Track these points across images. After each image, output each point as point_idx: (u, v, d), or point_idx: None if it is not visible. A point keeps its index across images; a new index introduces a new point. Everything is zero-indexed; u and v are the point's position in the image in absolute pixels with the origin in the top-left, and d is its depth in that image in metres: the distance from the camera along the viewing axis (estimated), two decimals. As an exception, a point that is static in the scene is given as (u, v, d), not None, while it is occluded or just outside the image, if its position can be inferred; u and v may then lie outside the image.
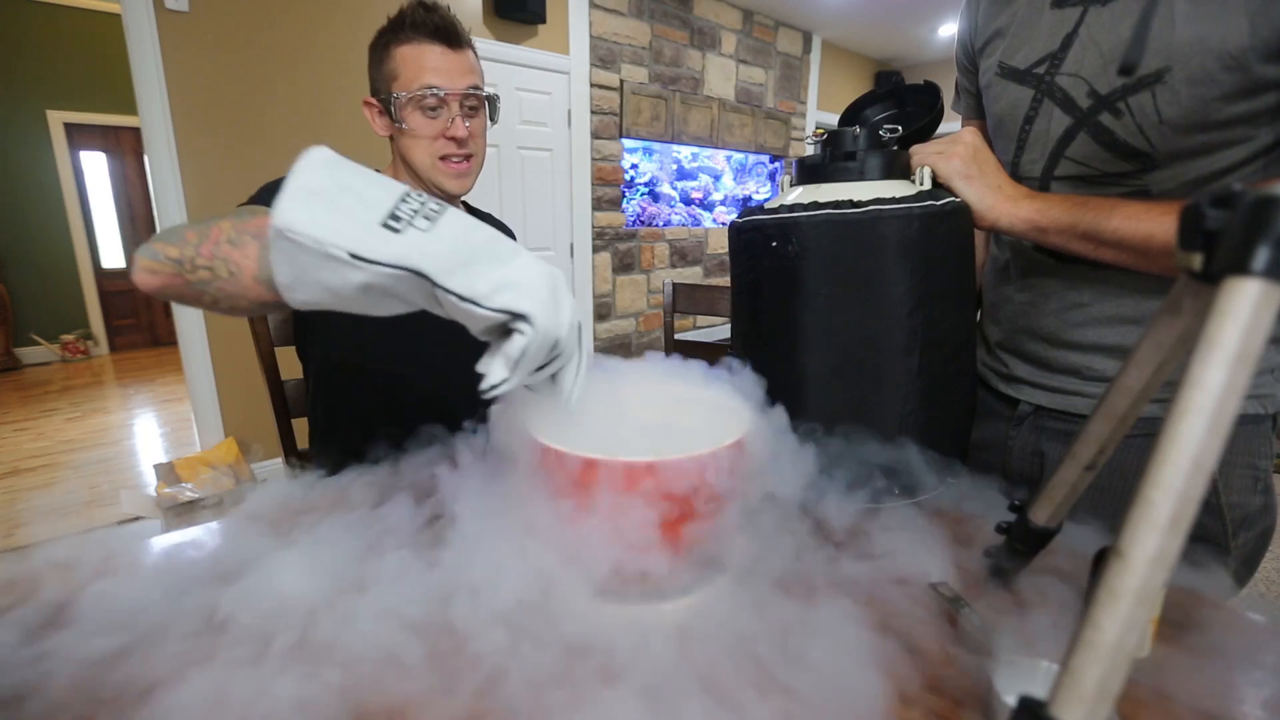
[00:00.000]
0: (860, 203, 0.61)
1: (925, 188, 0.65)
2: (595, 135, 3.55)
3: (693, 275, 4.38)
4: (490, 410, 0.54)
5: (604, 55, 3.48)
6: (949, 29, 4.58)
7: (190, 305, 0.52)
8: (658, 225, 4.06)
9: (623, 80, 3.59)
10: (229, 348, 2.41)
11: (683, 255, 4.24)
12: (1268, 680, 0.42)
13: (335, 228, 0.38)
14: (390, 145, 0.95)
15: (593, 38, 3.41)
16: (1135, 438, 0.45)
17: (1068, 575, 0.51)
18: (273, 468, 2.56)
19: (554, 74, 3.29)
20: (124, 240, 5.05)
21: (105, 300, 4.99)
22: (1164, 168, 0.62)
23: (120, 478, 2.74)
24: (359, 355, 0.93)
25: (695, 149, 4.22)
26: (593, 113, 3.50)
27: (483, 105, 0.93)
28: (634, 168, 3.86)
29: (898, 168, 0.67)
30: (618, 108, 3.61)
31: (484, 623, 0.44)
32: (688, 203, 4.27)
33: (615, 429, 0.56)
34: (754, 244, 0.67)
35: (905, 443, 0.63)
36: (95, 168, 4.84)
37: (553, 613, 0.45)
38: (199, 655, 0.41)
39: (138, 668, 0.40)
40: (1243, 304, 0.24)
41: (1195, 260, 0.27)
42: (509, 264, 0.41)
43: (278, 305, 0.44)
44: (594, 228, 3.66)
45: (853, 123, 0.81)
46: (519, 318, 0.40)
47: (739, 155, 4.55)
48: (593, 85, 3.46)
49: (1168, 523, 0.24)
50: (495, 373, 0.41)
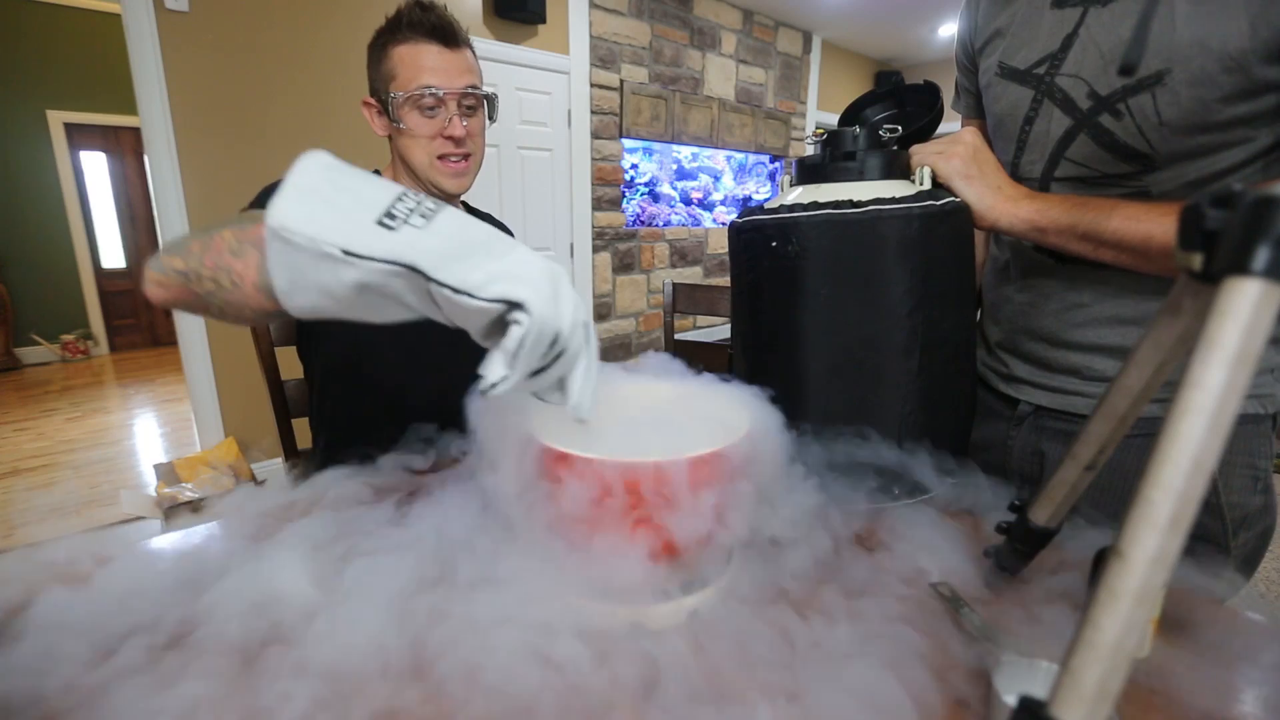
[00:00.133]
0: (860, 203, 0.61)
1: (925, 188, 0.65)
2: (595, 135, 3.55)
3: (693, 275, 4.38)
4: (474, 411, 0.52)
5: (604, 55, 3.48)
6: (949, 29, 4.58)
7: (199, 314, 0.52)
8: (658, 225, 4.06)
9: (623, 80, 3.59)
10: (229, 348, 2.41)
11: (683, 255, 4.24)
12: (1267, 680, 0.42)
13: (329, 224, 0.37)
14: (389, 145, 0.95)
15: (593, 38, 3.41)
16: (1135, 438, 0.45)
17: (1068, 575, 0.51)
18: (273, 468, 2.56)
19: (554, 74, 3.29)
20: (124, 240, 5.05)
21: (105, 300, 4.99)
22: (1164, 169, 0.62)
23: (120, 478, 2.74)
24: (361, 362, 0.93)
25: (695, 149, 4.22)
26: (593, 113, 3.50)
27: (481, 104, 0.93)
28: (634, 168, 3.86)
29: (898, 168, 0.67)
30: (618, 108, 3.61)
31: (483, 623, 0.44)
32: (688, 203, 4.27)
33: (614, 429, 0.56)
34: (754, 244, 0.67)
35: (905, 443, 0.63)
36: (95, 168, 4.84)
37: (552, 613, 0.46)
38: (143, 666, 0.40)
39: (79, 679, 0.39)
40: (1243, 304, 0.24)
41: (1195, 260, 0.27)
42: (505, 257, 0.40)
43: (281, 314, 0.43)
44: (594, 228, 3.66)
45: (853, 123, 0.81)
46: (515, 307, 0.38)
47: (739, 155, 4.55)
48: (593, 85, 3.46)
49: (1168, 523, 0.24)
50: (494, 370, 0.39)
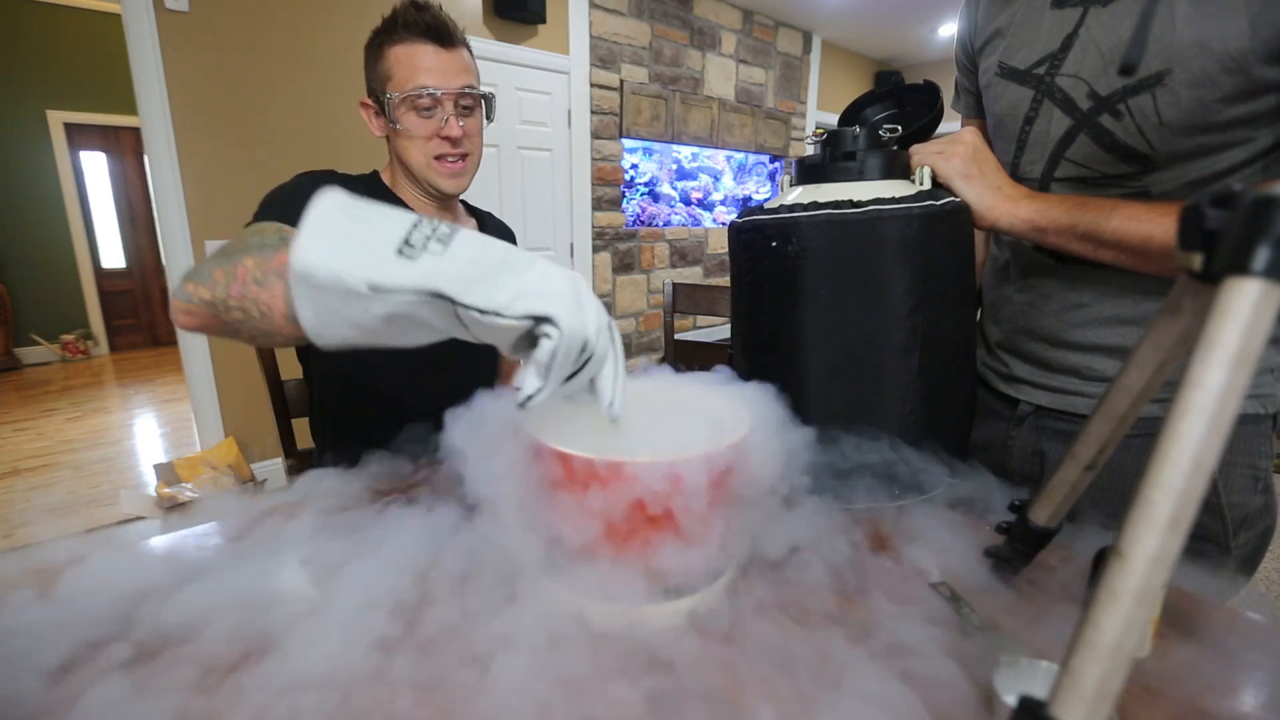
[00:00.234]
0: (860, 203, 0.61)
1: (925, 188, 0.65)
2: (595, 135, 3.55)
3: (693, 275, 4.38)
4: (475, 409, 0.53)
5: (604, 55, 3.48)
6: (949, 29, 4.57)
7: (231, 339, 0.53)
8: (658, 225, 4.06)
9: (623, 80, 3.58)
10: (229, 348, 2.41)
11: (683, 255, 4.24)
12: (1267, 680, 0.42)
13: (353, 261, 0.38)
14: (387, 146, 0.95)
15: (593, 38, 3.41)
16: (1135, 438, 0.45)
17: (1068, 575, 0.51)
18: (273, 468, 2.56)
19: (554, 74, 3.29)
20: (124, 240, 5.05)
21: (105, 300, 4.99)
22: (1164, 169, 0.62)
23: (120, 478, 2.74)
24: (360, 364, 0.92)
25: (695, 149, 4.21)
26: (593, 113, 3.50)
27: (478, 104, 0.93)
28: (634, 168, 3.86)
29: (897, 168, 0.67)
30: (618, 108, 3.61)
31: (481, 624, 0.44)
32: (688, 203, 4.26)
33: (613, 429, 0.56)
34: (754, 244, 0.67)
35: (905, 443, 0.63)
36: (95, 168, 4.83)
37: (552, 614, 0.46)
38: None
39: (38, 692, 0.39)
40: (1243, 304, 0.24)
41: (1195, 260, 0.27)
42: (527, 273, 0.41)
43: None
44: (594, 228, 3.66)
45: (852, 123, 0.81)
46: (543, 321, 0.39)
47: (739, 155, 4.54)
48: (593, 85, 3.46)
49: (1168, 523, 0.24)
50: (529, 383, 0.40)
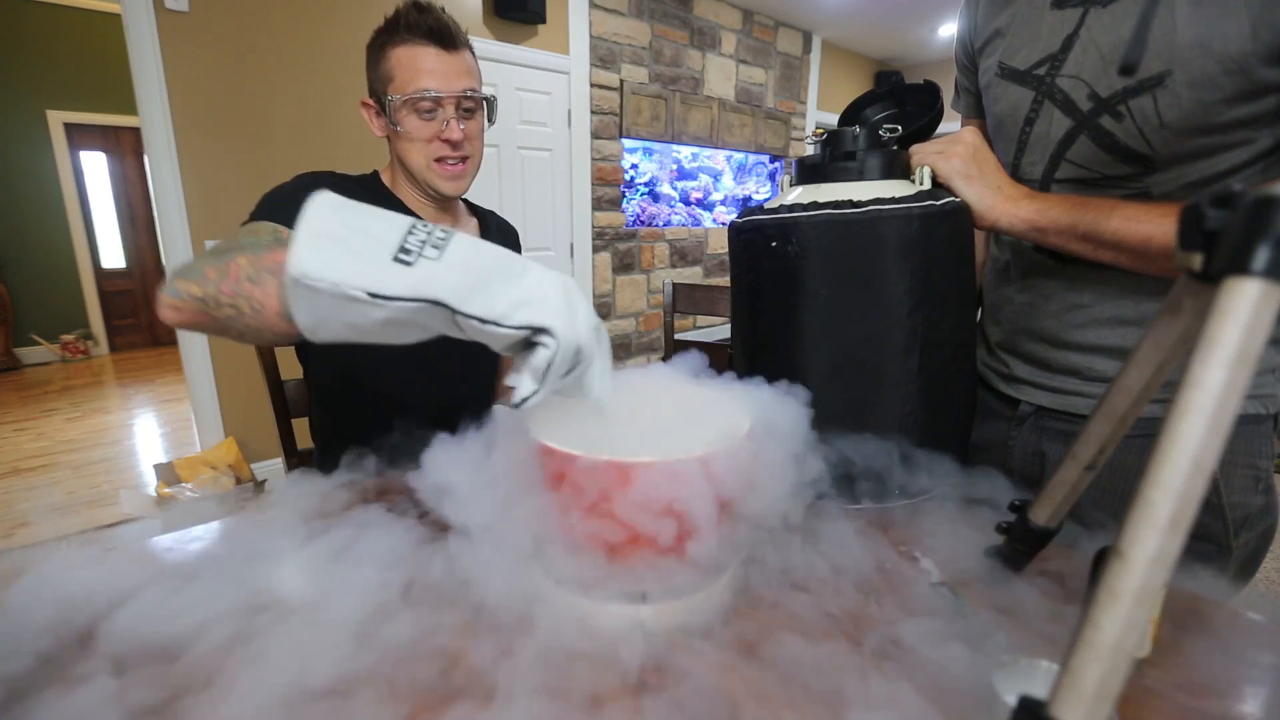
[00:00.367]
0: (860, 203, 0.61)
1: (925, 188, 0.65)
2: (595, 135, 3.55)
3: (693, 275, 4.38)
4: (475, 410, 0.54)
5: (604, 55, 3.48)
6: (949, 29, 4.57)
7: (218, 336, 0.53)
8: (658, 225, 4.06)
9: (623, 80, 3.58)
10: (229, 348, 2.41)
11: (683, 255, 4.24)
12: (1267, 680, 0.42)
13: (350, 269, 0.39)
14: (388, 146, 0.95)
15: (593, 38, 3.41)
16: (1135, 438, 0.45)
17: (1068, 575, 0.51)
18: (273, 468, 2.56)
19: (554, 74, 3.29)
20: (124, 240, 5.05)
21: (105, 300, 4.99)
22: (1164, 170, 0.62)
23: (120, 478, 2.74)
24: (357, 364, 0.93)
25: (695, 149, 4.21)
26: (593, 113, 3.50)
27: (479, 107, 0.92)
28: (634, 168, 3.86)
29: (897, 167, 0.67)
30: (618, 108, 3.61)
31: (478, 624, 0.44)
32: (688, 203, 4.26)
33: (613, 429, 0.56)
34: (754, 244, 0.67)
35: (905, 442, 0.63)
36: (95, 168, 4.83)
37: (551, 614, 0.46)
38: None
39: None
40: (1243, 304, 0.24)
41: (1195, 260, 0.27)
42: (522, 280, 0.42)
43: (303, 337, 0.45)
44: (594, 228, 3.66)
45: (852, 122, 0.81)
46: (540, 331, 0.41)
47: (739, 155, 4.54)
48: (593, 85, 3.46)
49: (1168, 523, 0.24)
50: (524, 387, 0.42)
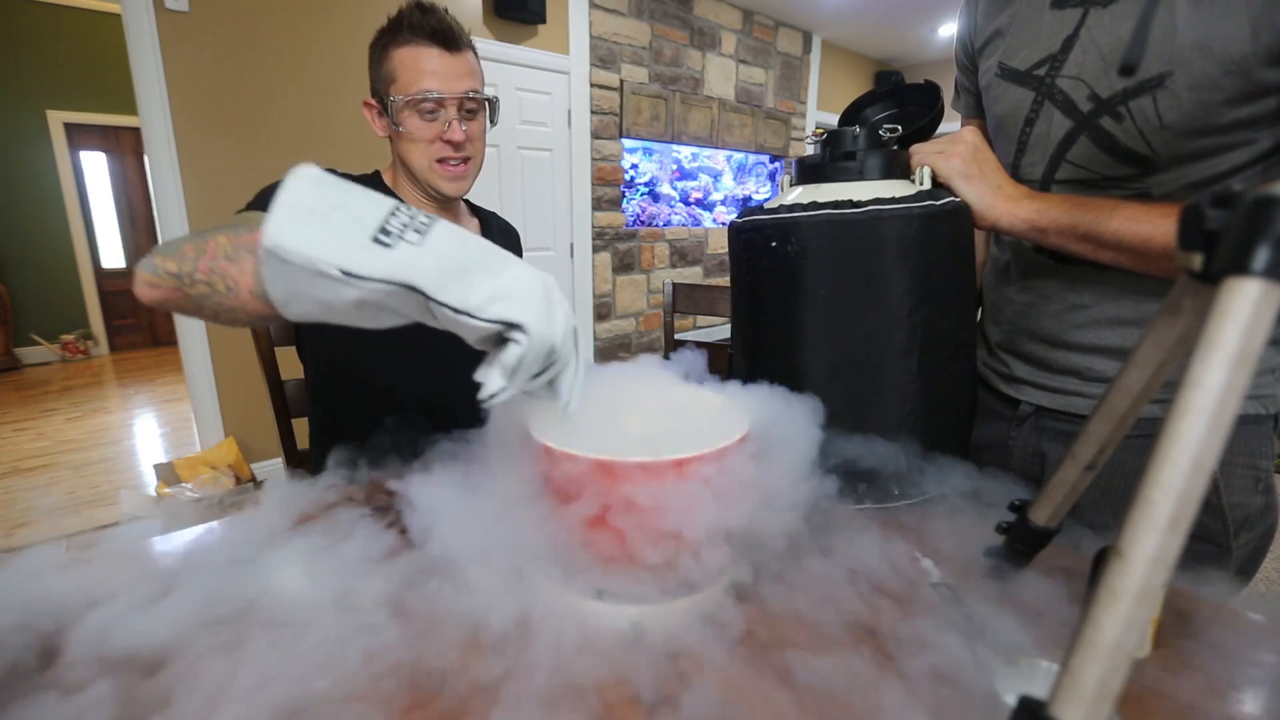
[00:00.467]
0: (859, 203, 0.61)
1: (925, 187, 0.65)
2: (595, 135, 3.55)
3: (693, 275, 4.38)
4: (490, 412, 0.54)
5: (604, 55, 3.48)
6: (949, 29, 4.57)
7: (191, 316, 0.53)
8: (658, 225, 4.06)
9: (623, 80, 3.58)
10: (229, 348, 2.41)
11: (683, 255, 4.24)
12: (1267, 680, 0.42)
13: (326, 245, 0.38)
14: (390, 146, 0.95)
15: (593, 38, 3.41)
16: (1135, 438, 0.45)
17: (1068, 575, 0.51)
18: (273, 468, 2.56)
19: (554, 74, 3.29)
20: (124, 240, 5.05)
21: (105, 300, 4.99)
22: (1164, 171, 0.61)
23: (120, 478, 2.74)
24: (357, 359, 0.93)
25: (695, 149, 4.21)
26: (593, 113, 3.50)
27: (481, 108, 0.92)
28: (634, 168, 3.86)
29: (897, 167, 0.66)
30: (618, 108, 3.61)
31: (477, 625, 0.44)
32: (688, 203, 4.26)
33: (612, 429, 0.56)
34: (753, 244, 0.67)
35: (905, 443, 0.63)
36: (95, 168, 4.83)
37: (550, 613, 0.45)
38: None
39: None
40: (1243, 304, 0.24)
41: (1195, 260, 0.27)
42: (502, 274, 0.41)
43: (276, 318, 0.45)
44: (594, 228, 3.66)
45: (853, 122, 0.81)
46: (514, 327, 0.40)
47: (739, 155, 4.54)
48: (593, 85, 3.46)
49: (1168, 523, 0.24)
50: (493, 382, 0.41)
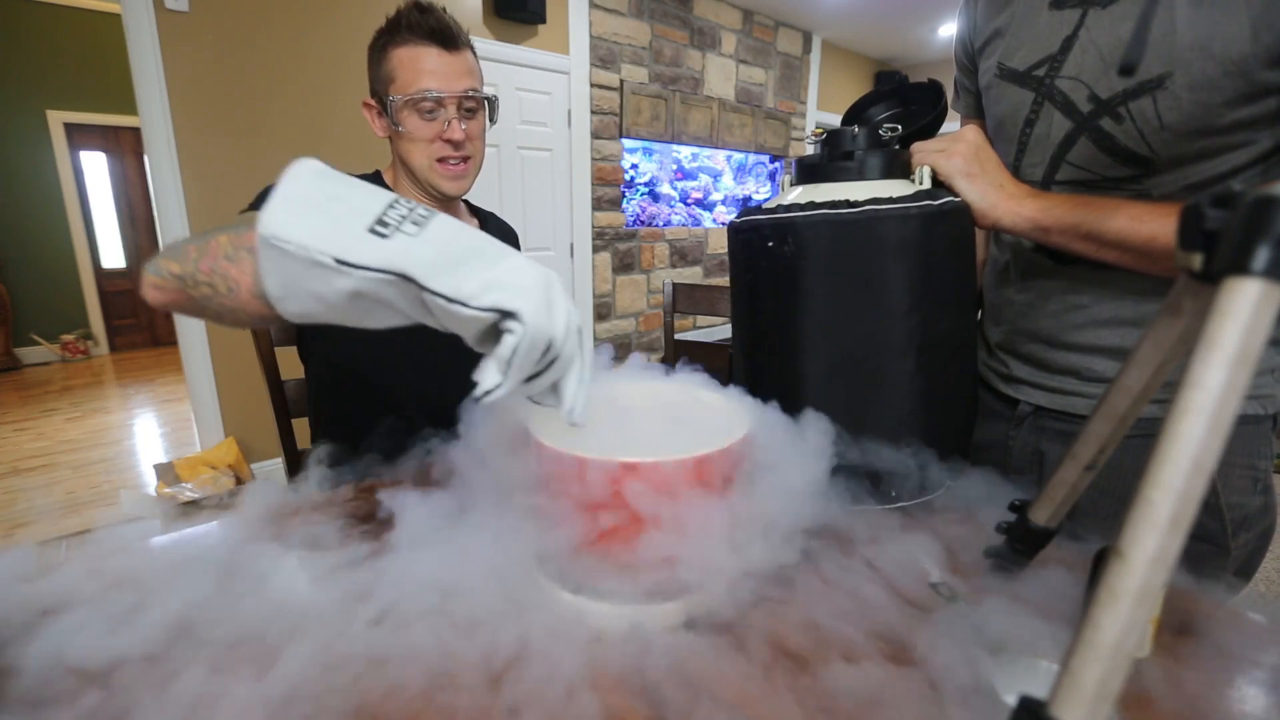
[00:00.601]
0: (857, 203, 0.61)
1: (924, 187, 0.65)
2: (595, 135, 3.55)
3: (693, 275, 4.38)
4: (474, 410, 0.53)
5: (604, 55, 3.48)
6: (949, 29, 4.57)
7: (199, 318, 0.52)
8: (658, 225, 4.06)
9: (623, 80, 3.58)
10: (229, 348, 2.41)
11: (683, 255, 4.24)
12: (1268, 680, 0.42)
13: (321, 234, 0.37)
14: (390, 146, 0.95)
15: (593, 38, 3.41)
16: (1135, 438, 0.45)
17: (1068, 575, 0.51)
18: (273, 468, 2.56)
19: (554, 74, 3.29)
20: (124, 240, 5.05)
21: (105, 300, 4.99)
22: (1164, 173, 0.61)
23: (120, 478, 2.74)
24: (358, 359, 0.93)
25: (695, 149, 4.21)
26: (593, 113, 3.50)
27: (481, 107, 0.93)
28: (634, 168, 3.86)
29: (898, 167, 0.66)
30: (618, 108, 3.61)
31: (475, 625, 0.44)
32: (687, 203, 4.26)
33: (612, 429, 0.56)
34: (751, 244, 0.67)
35: (905, 443, 0.63)
36: (95, 168, 4.83)
37: (549, 613, 0.45)
38: None
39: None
40: (1243, 304, 0.24)
41: (1195, 260, 0.27)
42: (498, 265, 0.40)
43: (277, 319, 0.44)
44: (594, 228, 3.66)
45: (856, 122, 0.81)
46: (508, 316, 0.38)
47: (739, 155, 4.54)
48: (593, 85, 3.46)
49: (1168, 523, 0.24)
50: (488, 378, 0.39)
